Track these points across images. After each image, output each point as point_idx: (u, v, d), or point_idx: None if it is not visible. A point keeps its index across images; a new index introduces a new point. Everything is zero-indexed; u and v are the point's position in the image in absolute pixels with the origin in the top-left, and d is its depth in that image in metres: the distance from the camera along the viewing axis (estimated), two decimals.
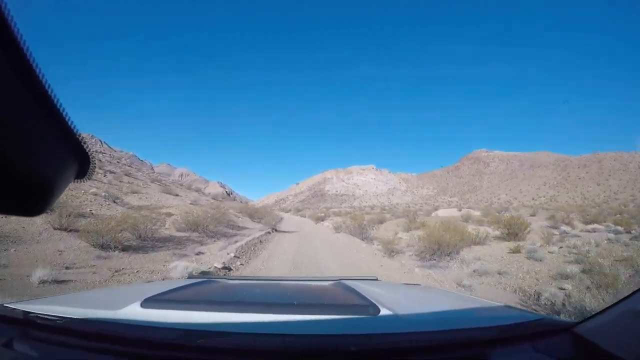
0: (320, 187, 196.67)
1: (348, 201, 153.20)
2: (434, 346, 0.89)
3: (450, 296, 1.88)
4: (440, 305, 1.39)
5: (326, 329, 0.94)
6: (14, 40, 0.34)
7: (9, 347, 0.89)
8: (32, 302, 1.14)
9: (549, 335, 0.98)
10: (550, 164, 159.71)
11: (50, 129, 0.43)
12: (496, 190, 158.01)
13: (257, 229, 15.53)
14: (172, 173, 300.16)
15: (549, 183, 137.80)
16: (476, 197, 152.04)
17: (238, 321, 0.95)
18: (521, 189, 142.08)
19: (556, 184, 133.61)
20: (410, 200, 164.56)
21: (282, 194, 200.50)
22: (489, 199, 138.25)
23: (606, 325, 0.90)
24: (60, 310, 1.00)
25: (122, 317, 0.97)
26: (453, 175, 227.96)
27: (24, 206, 0.45)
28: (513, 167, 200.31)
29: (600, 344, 0.85)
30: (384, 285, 1.94)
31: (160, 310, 1.01)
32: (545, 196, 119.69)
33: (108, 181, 21.14)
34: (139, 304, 1.04)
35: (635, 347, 0.78)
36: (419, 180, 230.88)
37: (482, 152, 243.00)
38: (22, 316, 0.98)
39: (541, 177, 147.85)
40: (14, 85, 0.36)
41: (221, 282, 1.91)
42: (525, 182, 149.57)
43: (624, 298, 0.90)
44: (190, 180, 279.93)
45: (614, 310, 0.91)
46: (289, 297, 1.42)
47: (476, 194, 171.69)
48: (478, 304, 1.42)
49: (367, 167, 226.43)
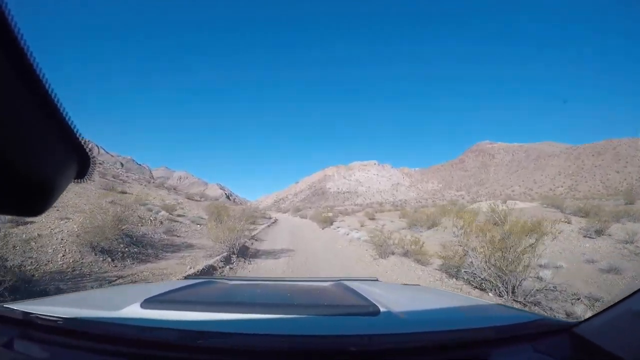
0: (320, 185, 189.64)
1: (351, 199, 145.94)
2: (434, 346, 0.89)
3: (450, 297, 1.82)
4: (440, 305, 1.38)
5: (326, 329, 0.94)
6: (14, 40, 0.34)
7: (9, 347, 0.89)
8: (32, 303, 1.13)
9: (549, 335, 0.97)
10: (562, 152, 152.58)
11: (51, 129, 0.43)
12: (506, 181, 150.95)
13: (209, 248, 8.00)
14: (171, 176, 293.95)
15: (563, 172, 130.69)
16: (486, 190, 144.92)
17: (238, 322, 0.95)
18: (535, 180, 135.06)
19: (572, 173, 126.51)
20: (415, 195, 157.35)
21: (282, 194, 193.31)
22: (501, 191, 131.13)
23: (606, 326, 0.89)
24: (60, 310, 1.00)
25: (122, 318, 0.97)
26: (458, 168, 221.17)
27: (24, 206, 0.45)
28: (519, 158, 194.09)
29: (600, 344, 0.85)
30: (384, 286, 1.93)
31: (160, 310, 1.01)
32: (563, 186, 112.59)
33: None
34: (138, 304, 1.04)
35: (635, 347, 0.78)
36: (422, 175, 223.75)
37: (486, 144, 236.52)
38: (22, 316, 0.97)
39: (554, 166, 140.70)
40: (15, 85, 0.36)
41: (221, 282, 1.90)
42: (538, 172, 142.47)
43: (624, 298, 0.89)
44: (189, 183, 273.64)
45: (614, 311, 0.90)
46: (289, 298, 1.44)
47: (484, 187, 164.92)
48: (478, 304, 1.44)
49: (368, 162, 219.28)
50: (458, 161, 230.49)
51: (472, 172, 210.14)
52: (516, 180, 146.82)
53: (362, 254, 8.81)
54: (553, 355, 0.87)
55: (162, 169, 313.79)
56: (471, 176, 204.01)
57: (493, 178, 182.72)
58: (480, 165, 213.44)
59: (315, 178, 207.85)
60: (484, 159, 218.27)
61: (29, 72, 0.37)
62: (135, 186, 20.48)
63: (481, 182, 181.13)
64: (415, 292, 1.74)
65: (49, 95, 0.40)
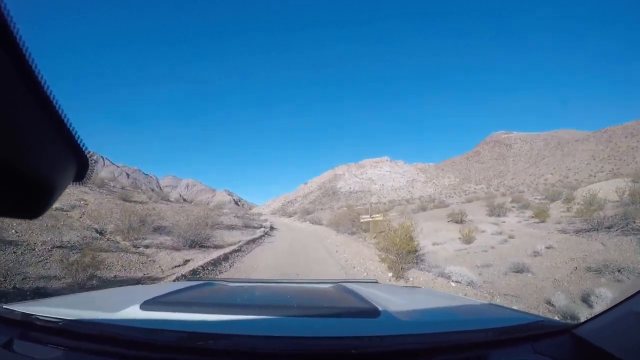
0: (331, 184, 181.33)
1: (364, 198, 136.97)
2: (434, 348, 0.88)
3: (449, 298, 1.81)
4: (440, 307, 1.37)
5: (326, 331, 0.93)
6: (14, 42, 0.34)
7: (9, 348, 0.88)
8: (31, 304, 1.13)
9: (549, 336, 0.97)
10: (589, 137, 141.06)
11: (50, 130, 0.43)
12: (534, 170, 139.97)
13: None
14: (179, 184, 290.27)
15: (597, 157, 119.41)
16: (512, 181, 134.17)
17: (238, 323, 0.95)
18: (567, 166, 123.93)
19: (607, 157, 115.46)
20: (433, 191, 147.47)
21: (290, 196, 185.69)
22: (530, 180, 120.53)
23: (606, 327, 0.88)
24: (59, 311, 0.99)
25: (121, 319, 0.97)
26: (474, 161, 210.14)
27: (22, 208, 0.44)
28: (538, 146, 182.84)
29: (600, 346, 0.84)
30: (384, 288, 1.92)
31: (159, 312, 1.01)
32: (603, 171, 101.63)
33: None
34: (138, 306, 1.04)
35: (636, 350, 0.77)
36: (437, 169, 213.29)
37: (502, 134, 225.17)
38: (21, 317, 0.97)
39: (585, 151, 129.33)
40: (15, 88, 0.36)
41: (221, 284, 1.89)
42: (568, 158, 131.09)
43: (625, 300, 0.88)
44: (197, 190, 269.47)
45: (614, 312, 0.89)
46: (289, 300, 1.43)
47: (504, 178, 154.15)
48: (477, 305, 1.43)
49: (380, 159, 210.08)
50: (473, 153, 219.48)
51: (489, 164, 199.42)
52: (545, 168, 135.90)
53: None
54: (553, 357, 0.86)
55: (170, 178, 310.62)
56: (489, 168, 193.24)
57: (513, 169, 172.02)
58: (497, 157, 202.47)
59: (325, 178, 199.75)
60: (500, 150, 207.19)
61: (29, 74, 0.37)
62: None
63: (501, 174, 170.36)
64: (415, 294, 1.72)
65: (49, 98, 0.40)
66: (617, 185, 21.21)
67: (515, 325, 0.99)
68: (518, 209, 22.28)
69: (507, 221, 15.83)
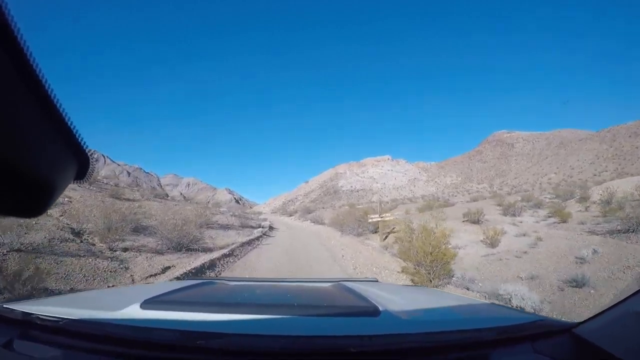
0: (332, 183, 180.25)
1: (366, 197, 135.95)
2: (435, 347, 0.89)
3: (450, 297, 1.81)
4: (440, 306, 1.38)
5: (326, 330, 0.94)
6: (14, 41, 0.34)
7: (9, 347, 0.88)
8: (31, 303, 1.14)
9: (549, 336, 0.97)
10: (593, 136, 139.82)
11: (51, 131, 0.43)
12: (538, 170, 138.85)
13: None
14: (180, 183, 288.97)
15: (601, 156, 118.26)
16: (515, 181, 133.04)
17: (238, 322, 0.95)
18: (571, 165, 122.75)
19: (611, 156, 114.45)
20: (435, 190, 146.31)
21: (291, 195, 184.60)
22: (533, 180, 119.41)
23: (606, 327, 0.88)
24: (60, 310, 0.99)
25: (122, 318, 0.97)
26: (476, 160, 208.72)
27: (22, 208, 0.44)
28: (541, 146, 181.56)
29: (600, 345, 0.84)
30: (384, 287, 1.92)
31: (160, 311, 1.01)
32: (607, 170, 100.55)
33: None
34: (138, 305, 1.04)
35: (635, 349, 0.77)
36: (439, 168, 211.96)
37: (504, 133, 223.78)
38: (21, 317, 0.97)
39: (588, 150, 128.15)
40: (16, 87, 0.36)
41: (221, 283, 1.89)
42: (572, 158, 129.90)
43: (624, 299, 0.88)
44: (198, 189, 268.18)
45: (614, 311, 0.89)
46: (289, 299, 1.44)
47: (507, 177, 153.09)
48: (478, 305, 1.43)
49: (382, 158, 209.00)
50: (475, 153, 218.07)
51: (491, 163, 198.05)
52: (549, 167, 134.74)
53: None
54: (553, 357, 0.86)
55: (171, 176, 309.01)
56: (491, 167, 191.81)
57: (515, 168, 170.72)
58: (500, 156, 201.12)
59: (326, 176, 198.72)
60: (502, 149, 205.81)
61: (30, 73, 0.37)
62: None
63: (503, 173, 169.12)
64: (415, 293, 1.72)
65: (49, 97, 0.40)
66: (636, 184, 20.06)
67: (515, 324, 0.99)
68: (530, 208, 21.33)
69: (524, 221, 14.70)
